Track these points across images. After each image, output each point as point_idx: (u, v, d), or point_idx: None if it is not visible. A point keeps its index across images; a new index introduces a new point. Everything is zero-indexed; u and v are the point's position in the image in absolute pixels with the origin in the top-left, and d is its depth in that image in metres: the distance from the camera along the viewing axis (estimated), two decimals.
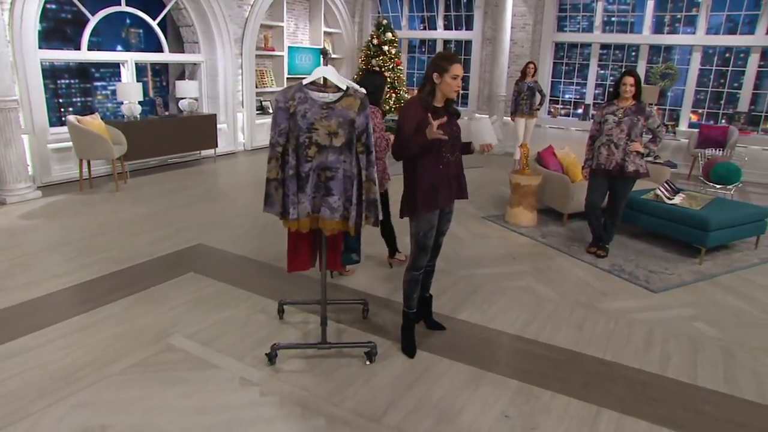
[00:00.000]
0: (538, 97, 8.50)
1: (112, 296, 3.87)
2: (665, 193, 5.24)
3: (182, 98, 8.51)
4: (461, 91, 11.53)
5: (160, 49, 8.79)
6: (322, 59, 3.01)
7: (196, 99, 8.75)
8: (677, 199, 5.18)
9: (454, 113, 3.01)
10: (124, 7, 7.97)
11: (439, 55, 2.92)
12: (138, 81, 8.34)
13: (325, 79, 2.80)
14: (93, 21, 7.63)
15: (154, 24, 8.54)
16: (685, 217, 4.86)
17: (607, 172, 4.65)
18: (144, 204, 6.25)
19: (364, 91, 2.91)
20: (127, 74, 8.16)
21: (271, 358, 3.05)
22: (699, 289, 4.28)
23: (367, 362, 3.08)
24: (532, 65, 8.29)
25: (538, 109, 8.59)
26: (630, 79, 4.51)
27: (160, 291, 4.01)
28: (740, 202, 5.42)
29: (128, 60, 8.15)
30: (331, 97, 2.71)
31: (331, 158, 2.73)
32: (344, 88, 2.73)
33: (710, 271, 4.65)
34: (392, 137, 3.15)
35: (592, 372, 3.06)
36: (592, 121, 4.83)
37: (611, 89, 4.74)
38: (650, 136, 4.68)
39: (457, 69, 2.84)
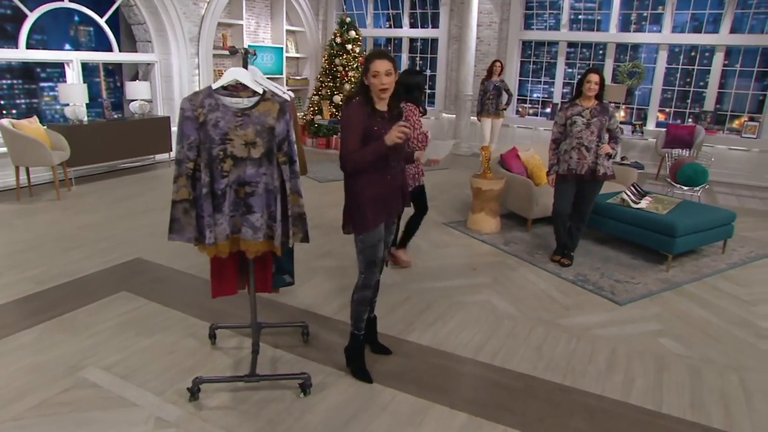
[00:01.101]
0: (504, 96, 8.30)
1: (28, 322, 3.48)
2: (631, 197, 5.04)
3: (133, 100, 8.05)
4: (428, 90, 11.32)
5: (111, 48, 8.32)
6: (244, 59, 2.67)
7: (148, 101, 8.30)
8: (643, 203, 4.98)
9: (398, 116, 2.73)
10: (66, 3, 7.49)
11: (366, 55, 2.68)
12: (89, 82, 7.89)
13: (269, 86, 2.48)
14: (32, 17, 7.15)
15: (101, 21, 8.07)
16: (651, 222, 4.66)
17: (578, 176, 4.41)
18: (86, 213, 5.82)
19: (290, 94, 2.62)
20: (73, 75, 7.68)
21: (193, 393, 2.71)
22: (665, 299, 4.07)
23: (301, 395, 2.76)
24: (498, 63, 8.07)
25: (505, 109, 8.37)
26: (595, 77, 4.28)
27: (85, 314, 3.63)
28: (707, 206, 5.25)
29: (73, 60, 7.67)
30: (246, 102, 2.38)
31: (250, 171, 2.41)
32: (260, 91, 2.41)
33: (677, 278, 4.45)
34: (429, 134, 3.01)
35: (550, 401, 2.80)
36: (553, 123, 4.58)
37: (574, 88, 4.50)
38: (608, 137, 4.48)
39: (378, 65, 2.53)
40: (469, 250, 4.97)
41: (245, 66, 2.57)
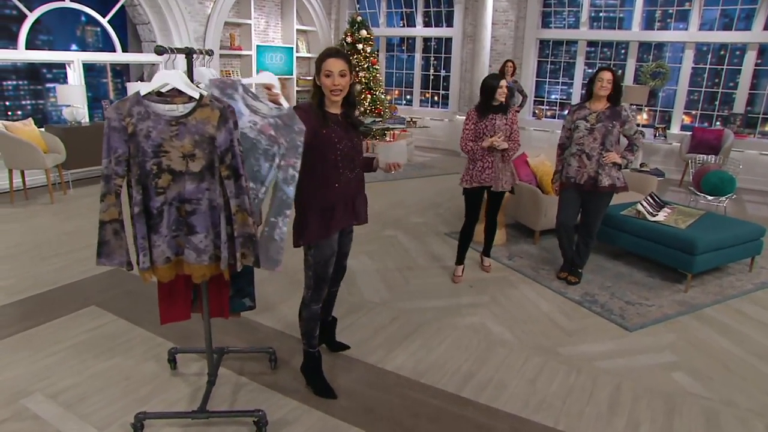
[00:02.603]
0: (518, 97, 7.87)
1: None
2: (648, 208, 4.61)
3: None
4: (441, 92, 10.98)
5: (115, 49, 8.18)
6: (188, 60, 2.37)
7: None
8: (661, 216, 4.56)
9: (355, 124, 2.57)
10: (67, 3, 7.35)
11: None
12: (97, 83, 7.76)
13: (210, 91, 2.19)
14: (31, 17, 7.02)
15: (104, 21, 7.93)
16: (669, 237, 4.23)
17: (577, 186, 4.02)
18: (75, 219, 5.63)
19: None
20: (74, 75, 7.55)
21: (137, 429, 2.43)
22: (682, 325, 3.65)
23: None
24: (510, 64, 7.67)
25: (518, 111, 7.94)
26: (607, 75, 3.88)
27: (48, 331, 3.39)
28: (733, 219, 4.78)
29: (74, 60, 7.54)
30: (180, 109, 2.08)
31: (190, 187, 2.10)
32: (197, 96, 2.11)
33: (697, 300, 4.02)
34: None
35: None
36: (562, 126, 4.20)
37: (584, 89, 4.12)
38: (627, 144, 4.07)
39: (329, 64, 2.39)
40: (469, 265, 4.61)
41: (190, 69, 2.27)
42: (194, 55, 2.36)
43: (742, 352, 3.33)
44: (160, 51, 2.24)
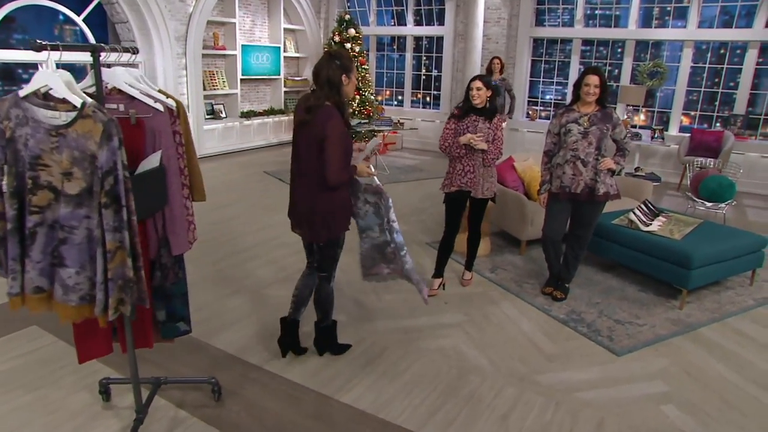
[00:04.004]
0: (507, 99, 7.51)
1: None
2: (641, 217, 4.29)
3: None
4: (433, 92, 10.66)
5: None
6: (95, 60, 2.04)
7: None
8: (655, 225, 4.23)
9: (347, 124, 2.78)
10: (41, 0, 7.05)
11: (347, 55, 2.69)
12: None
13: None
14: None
15: (78, 20, 7.63)
16: (663, 249, 3.91)
17: (572, 195, 3.70)
18: None
19: (171, 102, 2.02)
20: None
21: None
22: (675, 348, 3.33)
23: None
24: (497, 61, 7.33)
25: (507, 119, 7.47)
26: (594, 78, 3.57)
27: None
28: (732, 229, 4.44)
29: (46, 60, 7.22)
30: (64, 117, 1.77)
31: (65, 212, 1.77)
32: (78, 104, 1.79)
33: (692, 318, 3.70)
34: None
35: None
36: (546, 132, 3.89)
37: (571, 92, 3.80)
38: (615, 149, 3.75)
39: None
40: (448, 278, 4.28)
41: (98, 70, 1.96)
42: (103, 54, 2.03)
43: (742, 380, 3.00)
44: (36, 47, 1.91)
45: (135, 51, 2.30)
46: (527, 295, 3.98)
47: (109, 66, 2.21)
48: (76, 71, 9.98)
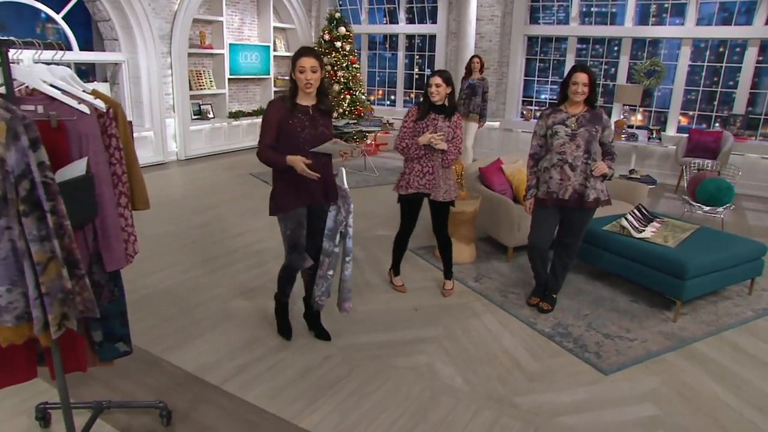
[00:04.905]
0: (477, 98, 7.15)
1: None
2: (633, 223, 4.07)
3: None
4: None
5: (85, 47, 7.68)
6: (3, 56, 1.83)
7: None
8: (648, 232, 4.01)
9: (327, 110, 2.97)
10: None
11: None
12: None
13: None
14: None
15: (58, 18, 7.42)
16: (655, 258, 3.68)
17: (560, 202, 3.48)
18: None
19: (99, 104, 1.81)
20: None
21: None
22: (668, 365, 3.10)
23: None
24: (477, 59, 7.07)
25: (475, 113, 7.17)
26: (582, 77, 3.34)
27: None
28: (730, 235, 4.21)
29: (23, 60, 7.00)
30: None
31: None
32: None
33: (687, 332, 3.47)
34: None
35: None
36: (533, 134, 3.67)
37: (559, 91, 3.58)
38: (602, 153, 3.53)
39: (304, 62, 2.75)
40: (429, 288, 4.07)
41: (6, 66, 1.74)
42: (12, 50, 1.82)
43: (739, 402, 2.77)
44: None
45: (61, 47, 2.08)
46: (512, 306, 3.75)
47: (48, 63, 2.03)
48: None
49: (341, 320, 3.49)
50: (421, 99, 3.66)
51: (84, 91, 2.06)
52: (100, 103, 1.99)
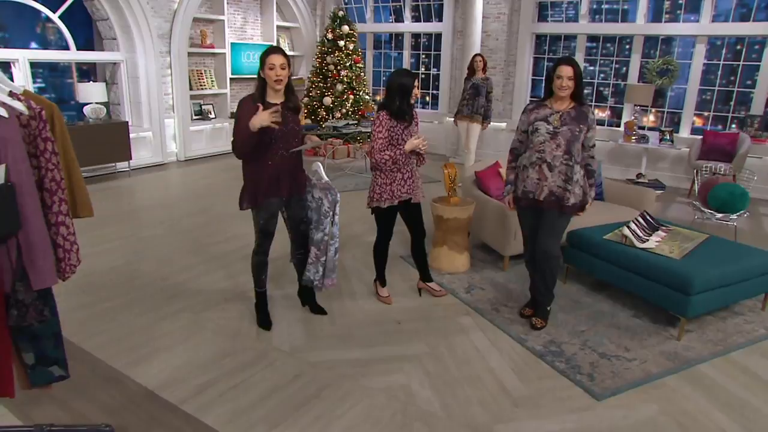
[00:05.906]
0: (482, 99, 6.87)
1: None
2: (636, 231, 3.80)
3: (86, 103, 7.26)
4: (432, 92, 10.19)
5: (85, 47, 7.59)
6: None
7: (104, 104, 7.48)
8: (652, 241, 3.74)
9: (295, 107, 3.07)
10: None
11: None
12: (62, 83, 7.17)
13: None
14: None
15: (54, 17, 7.34)
16: (659, 270, 3.41)
17: (534, 203, 3.25)
18: None
19: (18, 105, 1.63)
20: (20, 75, 6.95)
21: None
22: (668, 390, 2.84)
23: None
24: (479, 59, 6.81)
25: (480, 114, 6.82)
26: (567, 70, 3.11)
27: None
28: (742, 246, 3.90)
29: (19, 59, 6.94)
30: None
31: None
32: None
33: (692, 352, 3.20)
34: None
35: None
36: (516, 128, 3.45)
37: (544, 86, 3.35)
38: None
39: (272, 59, 2.89)
40: (415, 299, 3.84)
41: None
42: None
43: None
44: None
45: None
46: (503, 321, 3.51)
47: None
48: (60, 71, 9.74)
49: (318, 333, 3.29)
50: (382, 103, 3.47)
51: (12, 92, 1.88)
52: (20, 106, 1.80)
